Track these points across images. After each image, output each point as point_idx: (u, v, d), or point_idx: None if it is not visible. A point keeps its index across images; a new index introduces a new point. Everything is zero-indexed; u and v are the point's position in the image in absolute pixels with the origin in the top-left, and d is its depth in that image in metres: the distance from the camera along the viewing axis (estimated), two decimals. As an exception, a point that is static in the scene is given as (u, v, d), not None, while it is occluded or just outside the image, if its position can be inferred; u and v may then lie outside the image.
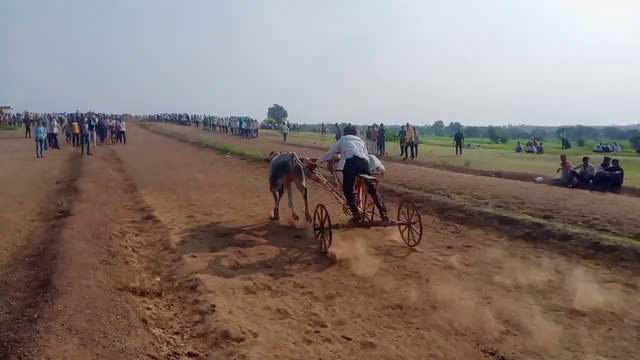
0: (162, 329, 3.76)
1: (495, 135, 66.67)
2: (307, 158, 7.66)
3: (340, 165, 6.38)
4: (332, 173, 7.49)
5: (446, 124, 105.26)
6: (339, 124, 29.30)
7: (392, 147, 25.57)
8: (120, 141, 27.36)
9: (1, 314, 3.72)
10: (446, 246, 6.24)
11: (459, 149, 25.72)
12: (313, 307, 4.17)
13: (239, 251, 5.84)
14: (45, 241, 5.86)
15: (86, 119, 26.33)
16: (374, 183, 6.26)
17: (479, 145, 40.11)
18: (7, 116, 47.14)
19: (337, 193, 7.30)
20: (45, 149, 21.48)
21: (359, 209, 6.40)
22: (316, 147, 24.99)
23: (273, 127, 59.23)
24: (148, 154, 20.66)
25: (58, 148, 22.48)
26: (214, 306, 4.06)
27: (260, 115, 70.45)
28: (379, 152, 23.49)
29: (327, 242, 5.65)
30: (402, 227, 6.22)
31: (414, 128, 22.88)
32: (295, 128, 55.41)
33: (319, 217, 5.91)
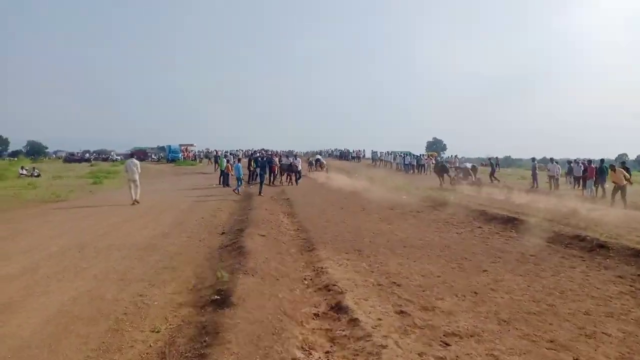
0: None
1: None
2: None
3: None
4: None
5: (632, 156, 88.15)
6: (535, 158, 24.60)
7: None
8: (291, 182, 23.70)
9: None
10: None
11: None
12: None
13: None
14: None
15: (257, 155, 26.36)
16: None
17: None
18: (191, 153, 51.49)
19: None
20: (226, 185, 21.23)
21: None
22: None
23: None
24: (317, 193, 18.78)
25: (228, 186, 22.02)
26: None
27: (418, 149, 66.84)
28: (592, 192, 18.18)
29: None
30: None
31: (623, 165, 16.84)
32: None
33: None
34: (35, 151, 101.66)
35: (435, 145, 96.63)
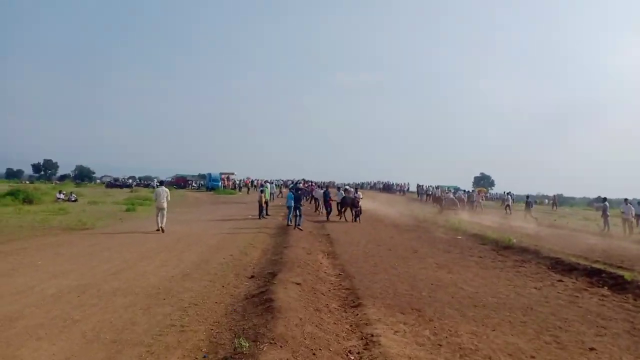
0: None
1: None
2: None
3: None
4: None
5: None
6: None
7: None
8: (355, 219, 20.16)
9: None
10: None
11: None
12: None
13: None
14: None
15: (299, 186, 25.08)
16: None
17: None
18: (231, 182, 50.97)
19: None
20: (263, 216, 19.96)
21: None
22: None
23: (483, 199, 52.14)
24: (361, 230, 17.10)
25: (266, 216, 20.68)
26: None
27: (465, 184, 63.82)
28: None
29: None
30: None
31: None
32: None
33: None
34: (83, 176, 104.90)
35: (483, 181, 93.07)
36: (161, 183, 20.32)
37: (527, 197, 29.03)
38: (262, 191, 21.17)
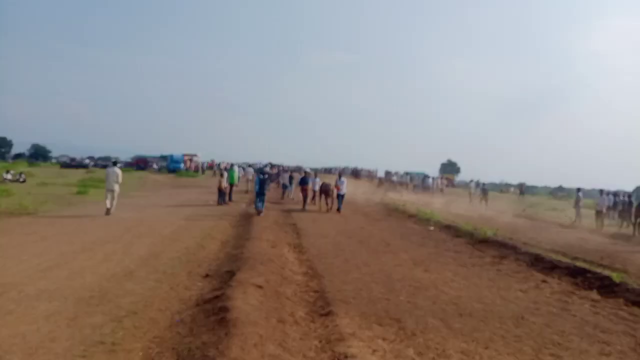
0: None
1: None
2: None
3: None
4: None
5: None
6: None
7: None
8: (329, 207, 18.87)
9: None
10: None
11: None
12: None
13: None
14: None
15: (265, 169, 24.03)
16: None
17: None
18: (194, 164, 49.18)
19: None
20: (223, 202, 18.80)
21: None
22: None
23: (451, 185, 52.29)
24: (329, 220, 16.25)
25: (229, 202, 19.55)
26: None
27: (431, 171, 63.97)
28: None
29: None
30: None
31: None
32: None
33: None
34: (39, 155, 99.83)
35: (450, 168, 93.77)
36: (114, 164, 18.72)
37: (483, 184, 32.27)
38: (221, 175, 19.97)
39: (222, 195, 19.12)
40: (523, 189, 45.84)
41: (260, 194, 16.19)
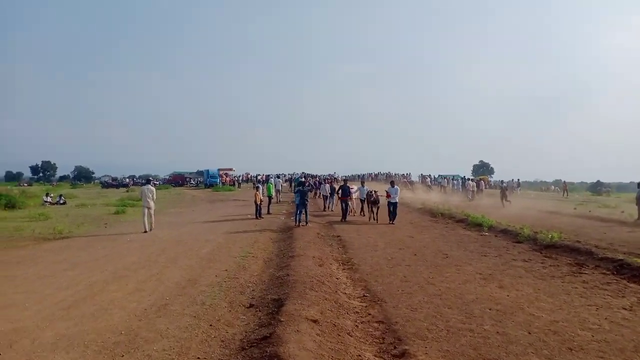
0: None
1: None
2: None
3: None
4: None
5: None
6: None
7: None
8: (376, 217, 17.43)
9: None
10: None
11: None
12: None
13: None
14: None
15: (303, 180, 23.04)
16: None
17: None
18: (230, 177, 49.02)
19: None
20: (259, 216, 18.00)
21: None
22: None
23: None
24: (374, 229, 15.17)
25: (268, 215, 18.74)
26: None
27: (464, 173, 61.57)
28: None
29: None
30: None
31: None
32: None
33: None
34: (82, 176, 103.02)
35: (483, 169, 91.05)
36: (148, 181, 18.58)
37: (502, 182, 31.03)
38: (257, 188, 19.15)
39: (260, 209, 18.31)
40: (567, 187, 43.28)
41: (301, 204, 15.38)
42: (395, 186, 17.47)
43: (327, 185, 23.99)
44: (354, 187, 20.77)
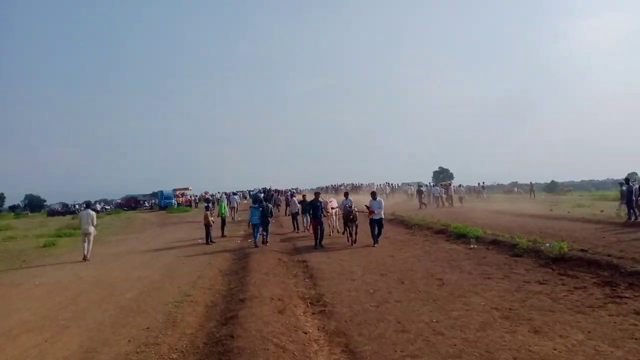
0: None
1: None
2: None
3: None
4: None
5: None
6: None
7: None
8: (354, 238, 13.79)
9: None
10: None
11: None
12: None
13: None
14: None
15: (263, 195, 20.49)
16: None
17: None
18: (186, 197, 45.97)
19: None
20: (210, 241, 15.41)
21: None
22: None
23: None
24: (343, 250, 12.99)
25: (213, 242, 15.97)
26: None
27: (424, 180, 60.43)
28: None
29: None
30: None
31: None
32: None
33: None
34: (34, 205, 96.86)
35: (442, 175, 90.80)
36: (87, 205, 16.63)
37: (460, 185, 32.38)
38: (207, 207, 16.62)
39: (209, 233, 15.71)
40: (533, 188, 42.71)
41: (262, 224, 13.37)
42: (378, 198, 14.04)
43: (296, 200, 20.12)
44: (333, 200, 17.57)
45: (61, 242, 18.96)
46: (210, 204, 18.13)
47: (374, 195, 14.24)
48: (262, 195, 24.32)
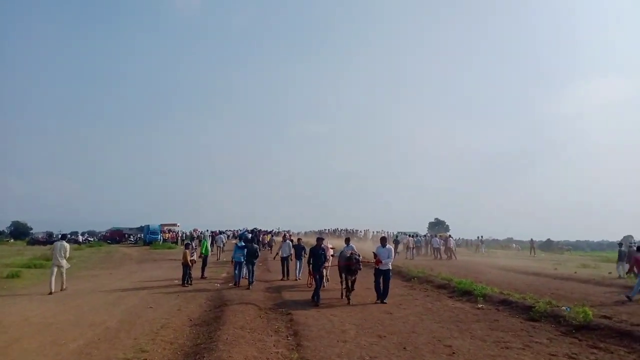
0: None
1: None
2: None
3: None
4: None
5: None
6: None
7: None
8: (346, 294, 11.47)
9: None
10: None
11: None
12: None
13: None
14: None
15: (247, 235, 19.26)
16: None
17: None
18: (173, 234, 44.30)
19: None
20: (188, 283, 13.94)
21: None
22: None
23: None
24: (334, 303, 11.61)
25: (190, 284, 14.37)
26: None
27: (421, 231, 58.90)
28: None
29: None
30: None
31: None
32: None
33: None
34: (20, 232, 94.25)
35: (438, 226, 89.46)
36: (63, 237, 15.97)
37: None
38: (187, 245, 15.30)
39: (188, 273, 14.25)
40: (534, 245, 41.40)
41: (248, 262, 13.18)
42: (388, 245, 11.91)
43: (289, 242, 17.43)
44: (329, 246, 14.78)
45: (28, 273, 17.41)
46: (192, 242, 16.72)
47: (383, 241, 12.10)
48: (251, 235, 22.98)
